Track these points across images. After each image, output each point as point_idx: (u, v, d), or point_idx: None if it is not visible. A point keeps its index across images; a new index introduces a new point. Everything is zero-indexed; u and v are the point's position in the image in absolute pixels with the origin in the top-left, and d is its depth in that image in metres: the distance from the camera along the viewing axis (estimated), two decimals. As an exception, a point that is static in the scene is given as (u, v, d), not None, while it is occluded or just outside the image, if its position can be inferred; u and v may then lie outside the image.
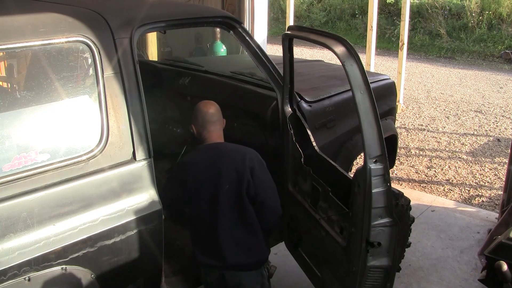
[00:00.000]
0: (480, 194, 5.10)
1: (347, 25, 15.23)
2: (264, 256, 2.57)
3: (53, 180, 2.06)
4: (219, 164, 2.44)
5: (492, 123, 7.30)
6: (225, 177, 2.42)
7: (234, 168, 2.42)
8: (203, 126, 2.52)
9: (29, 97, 2.18)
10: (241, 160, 2.43)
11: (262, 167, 2.48)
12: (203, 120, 2.52)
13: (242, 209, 2.44)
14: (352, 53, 2.16)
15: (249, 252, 2.49)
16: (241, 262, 2.47)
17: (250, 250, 2.49)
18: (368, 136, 2.14)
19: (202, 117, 2.52)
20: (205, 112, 2.53)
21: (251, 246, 2.49)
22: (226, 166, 2.43)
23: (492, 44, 12.08)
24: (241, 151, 2.49)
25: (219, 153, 2.49)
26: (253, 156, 2.48)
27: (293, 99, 3.02)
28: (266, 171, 2.51)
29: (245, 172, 2.40)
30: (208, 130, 2.52)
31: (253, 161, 2.45)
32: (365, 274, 2.33)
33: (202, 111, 2.54)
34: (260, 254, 2.54)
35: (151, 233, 2.32)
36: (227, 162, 2.44)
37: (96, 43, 2.17)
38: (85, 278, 2.15)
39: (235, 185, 2.41)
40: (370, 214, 2.22)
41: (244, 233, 2.47)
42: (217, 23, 2.88)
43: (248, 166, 2.42)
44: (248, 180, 2.40)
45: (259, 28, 6.86)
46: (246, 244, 2.48)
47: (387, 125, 3.85)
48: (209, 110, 2.53)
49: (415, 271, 3.67)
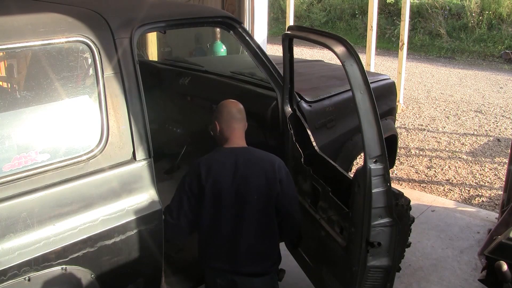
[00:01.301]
0: (480, 194, 5.10)
1: (347, 25, 15.23)
2: (277, 264, 2.54)
3: (53, 180, 2.06)
4: (247, 172, 2.36)
5: (492, 123, 7.30)
6: (253, 186, 2.35)
7: (264, 179, 2.36)
8: (228, 122, 2.41)
9: (29, 97, 2.18)
10: (271, 171, 2.38)
11: (289, 178, 2.44)
12: (228, 116, 2.42)
13: (267, 219, 2.41)
14: (352, 53, 2.16)
15: (266, 262, 2.45)
16: (256, 270, 2.43)
17: (267, 259, 2.46)
18: (368, 136, 2.14)
19: (227, 112, 2.43)
20: (231, 107, 2.45)
21: (268, 255, 2.46)
22: (255, 175, 2.36)
23: (492, 44, 12.08)
24: (270, 160, 2.42)
25: (247, 160, 2.39)
26: (281, 166, 2.43)
27: (293, 99, 3.02)
28: (292, 182, 2.47)
29: (274, 182, 2.36)
30: (233, 128, 2.42)
31: (282, 172, 2.40)
32: (365, 274, 2.33)
33: (228, 106, 2.46)
34: (275, 263, 2.51)
35: (151, 233, 2.32)
36: (256, 171, 2.37)
37: (96, 43, 2.17)
38: (85, 278, 2.15)
39: (264, 195, 2.36)
40: (370, 214, 2.22)
41: (264, 243, 2.43)
42: (217, 23, 2.88)
43: (277, 176, 2.38)
44: (277, 192, 2.37)
45: (259, 28, 6.86)
46: (264, 253, 2.44)
47: (387, 125, 3.85)
48: (236, 106, 2.46)
49: (415, 271, 3.67)
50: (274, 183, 2.36)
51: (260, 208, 2.37)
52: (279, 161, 2.44)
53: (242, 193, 2.35)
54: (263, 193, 2.36)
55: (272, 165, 2.40)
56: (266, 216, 2.40)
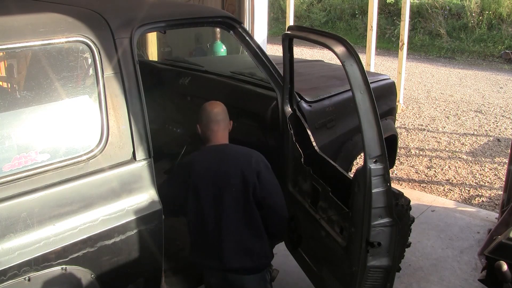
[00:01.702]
0: (480, 194, 5.10)
1: (347, 25, 15.23)
2: (268, 260, 2.56)
3: (53, 180, 2.06)
4: (224, 166, 2.43)
5: (492, 123, 7.30)
6: (230, 179, 2.40)
7: (240, 171, 2.40)
8: (207, 125, 2.52)
9: (29, 97, 2.18)
10: (247, 162, 2.42)
11: (268, 170, 2.47)
12: (207, 119, 2.52)
13: (247, 212, 2.42)
14: (352, 53, 2.16)
15: (253, 256, 2.47)
16: (244, 265, 2.45)
17: (254, 254, 2.47)
18: (368, 136, 2.14)
19: (206, 116, 2.52)
20: (209, 111, 2.53)
21: (255, 250, 2.47)
22: (232, 168, 2.42)
23: (492, 44, 12.08)
24: (247, 153, 2.48)
25: (224, 155, 2.47)
26: (259, 159, 2.47)
27: (293, 99, 3.02)
28: (273, 174, 2.49)
29: (251, 175, 2.39)
30: (212, 130, 2.51)
31: (260, 164, 2.44)
32: (365, 274, 2.33)
33: (207, 110, 2.54)
34: (264, 258, 2.53)
35: (151, 233, 2.32)
36: (232, 164, 2.43)
37: (96, 43, 2.17)
38: (85, 278, 2.15)
39: (241, 188, 2.40)
40: (370, 214, 2.22)
41: (249, 237, 2.45)
42: (217, 23, 2.87)
43: (254, 169, 2.41)
44: (254, 183, 2.39)
45: (259, 28, 6.85)
46: (250, 247, 2.46)
47: (387, 125, 3.85)
48: (213, 109, 2.53)
49: (415, 271, 3.67)
50: (251, 175, 2.39)
51: (239, 202, 2.41)
52: (257, 155, 2.48)
53: (220, 187, 2.42)
54: (240, 184, 2.40)
55: (248, 159, 2.45)
56: (246, 210, 2.43)
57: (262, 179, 2.41)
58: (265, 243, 2.51)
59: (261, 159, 2.48)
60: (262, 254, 2.51)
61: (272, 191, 2.46)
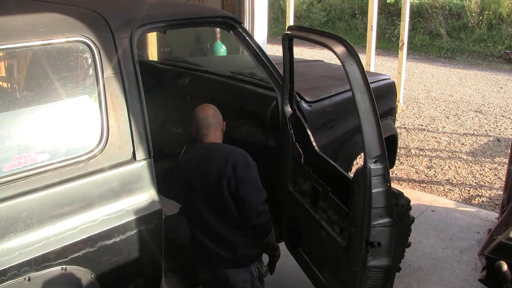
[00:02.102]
0: (480, 194, 5.10)
1: (347, 25, 15.23)
2: (250, 254, 2.58)
3: (53, 180, 2.06)
4: (207, 163, 2.49)
5: (492, 123, 7.30)
6: (210, 174, 2.47)
7: (217, 165, 2.46)
8: (197, 129, 2.58)
9: (29, 97, 2.18)
10: (224, 157, 2.47)
11: (247, 165, 2.48)
12: (197, 124, 2.58)
13: (223, 205, 2.47)
14: (352, 53, 2.16)
15: (234, 249, 2.51)
16: (227, 257, 2.51)
17: (235, 246, 2.51)
18: (368, 136, 2.14)
19: (195, 121, 2.58)
20: (197, 116, 2.59)
21: (234, 243, 2.51)
22: (212, 164, 2.48)
23: (492, 44, 12.07)
24: (227, 150, 2.53)
25: (208, 153, 2.54)
26: (238, 154, 2.50)
27: (293, 99, 3.02)
28: (251, 170, 2.49)
29: (226, 168, 2.43)
30: (202, 133, 2.57)
31: (237, 159, 2.46)
32: (365, 274, 2.33)
33: (195, 115, 2.60)
34: (246, 251, 2.55)
35: (151, 233, 2.32)
36: (213, 161, 2.49)
37: (96, 43, 2.17)
38: (85, 278, 2.15)
39: (216, 181, 2.44)
40: (370, 214, 2.22)
41: (228, 230, 2.50)
42: (217, 23, 2.87)
43: (230, 162, 2.44)
44: (229, 176, 2.42)
45: (259, 28, 6.85)
46: (229, 240, 2.51)
47: (387, 125, 3.85)
48: (202, 115, 2.58)
49: (415, 271, 3.67)
50: (226, 167, 2.43)
51: (214, 193, 2.46)
52: (238, 151, 2.51)
53: (204, 183, 2.48)
54: (216, 178, 2.44)
55: (227, 154, 2.48)
56: (221, 202, 2.46)
57: (237, 172, 2.43)
58: (246, 237, 2.54)
59: (240, 154, 2.50)
60: (243, 247, 2.53)
61: (246, 184, 2.46)
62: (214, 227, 2.50)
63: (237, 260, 2.53)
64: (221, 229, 2.50)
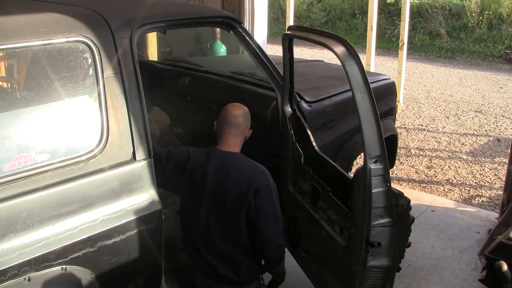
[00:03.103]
0: (480, 194, 5.10)
1: (347, 25, 15.23)
2: (253, 274, 2.52)
3: (53, 180, 2.06)
4: (225, 177, 2.38)
5: (492, 123, 7.30)
6: (229, 193, 2.36)
7: (238, 186, 2.35)
8: (221, 124, 2.46)
9: (29, 97, 2.17)
10: (246, 179, 2.35)
11: (269, 191, 2.37)
12: (224, 118, 2.46)
13: (238, 228, 2.38)
14: (352, 53, 2.16)
15: (236, 270, 2.45)
16: (227, 276, 2.44)
17: (237, 268, 2.44)
18: (368, 136, 2.14)
19: (224, 114, 2.47)
20: (228, 111, 2.47)
21: (239, 265, 2.44)
22: (232, 181, 2.36)
23: (492, 44, 12.08)
24: (251, 168, 2.39)
25: (229, 167, 2.40)
26: (262, 177, 2.37)
27: (293, 99, 3.02)
28: (272, 196, 2.39)
29: (248, 194, 2.32)
30: (224, 131, 2.45)
31: (259, 183, 2.35)
32: (365, 274, 2.33)
33: (227, 109, 2.49)
34: (249, 273, 2.49)
35: (151, 233, 2.32)
36: (234, 179, 2.36)
37: (96, 43, 2.17)
38: (85, 278, 2.14)
39: (235, 204, 2.35)
40: (370, 214, 2.22)
41: (233, 252, 2.42)
42: (217, 23, 2.87)
43: (254, 187, 2.33)
44: (249, 202, 2.33)
45: (259, 28, 6.86)
46: (234, 262, 2.43)
47: (387, 125, 3.85)
48: (233, 111, 2.47)
49: (415, 271, 3.67)
50: (248, 193, 2.32)
51: (232, 215, 2.37)
52: (261, 172, 2.38)
53: (218, 197, 2.38)
54: (236, 200, 2.34)
55: (251, 175, 2.36)
56: (236, 225, 2.37)
57: (258, 199, 2.33)
58: (252, 261, 2.48)
59: (264, 176, 2.38)
60: (247, 268, 2.47)
61: (264, 214, 2.35)
62: (219, 246, 2.41)
63: (239, 280, 2.47)
64: (226, 250, 2.41)
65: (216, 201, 2.39)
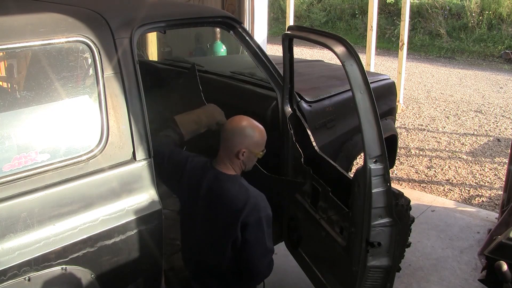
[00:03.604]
0: (480, 194, 5.10)
1: (347, 25, 15.23)
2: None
3: (53, 180, 2.06)
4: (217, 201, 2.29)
5: (492, 123, 7.30)
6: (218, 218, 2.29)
7: (227, 218, 2.24)
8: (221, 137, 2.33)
9: (29, 97, 2.17)
10: (236, 213, 2.20)
11: (258, 226, 2.21)
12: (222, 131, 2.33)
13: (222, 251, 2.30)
14: (352, 53, 2.16)
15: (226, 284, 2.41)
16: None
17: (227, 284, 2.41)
18: (368, 136, 2.14)
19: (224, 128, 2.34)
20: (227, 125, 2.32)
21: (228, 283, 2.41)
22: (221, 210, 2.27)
23: (492, 44, 12.08)
24: (240, 204, 2.21)
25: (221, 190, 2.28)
26: (251, 212, 2.19)
27: (293, 99, 3.02)
28: (261, 231, 2.23)
29: (236, 227, 2.20)
30: (221, 144, 2.32)
31: (249, 219, 2.19)
32: (365, 274, 2.33)
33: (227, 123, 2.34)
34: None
35: (151, 233, 2.32)
36: (222, 207, 2.26)
37: (96, 43, 2.17)
38: (85, 278, 2.14)
39: (223, 232, 2.28)
40: (370, 214, 2.22)
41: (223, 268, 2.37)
42: (217, 23, 2.87)
43: (241, 223, 2.20)
44: (236, 236, 2.22)
45: (259, 28, 6.86)
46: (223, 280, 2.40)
47: (387, 125, 3.85)
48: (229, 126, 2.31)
49: (415, 271, 3.67)
50: (235, 227, 2.20)
51: (219, 238, 2.31)
52: (252, 205, 2.19)
53: (209, 216, 2.33)
54: (224, 230, 2.27)
55: (240, 207, 2.20)
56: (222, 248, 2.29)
57: (247, 234, 2.21)
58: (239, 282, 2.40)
59: (254, 211, 2.19)
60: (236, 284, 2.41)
61: (253, 248, 2.24)
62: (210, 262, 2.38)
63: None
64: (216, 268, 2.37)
65: (207, 219, 2.34)
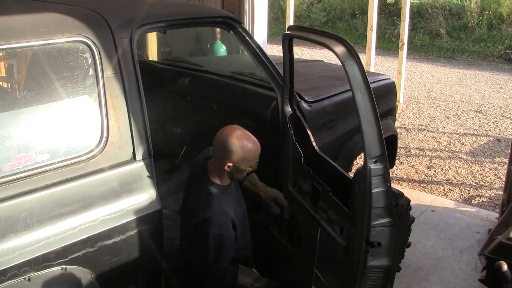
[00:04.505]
0: (480, 194, 5.10)
1: (347, 25, 15.22)
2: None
3: (53, 180, 2.06)
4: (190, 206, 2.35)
5: (492, 123, 7.30)
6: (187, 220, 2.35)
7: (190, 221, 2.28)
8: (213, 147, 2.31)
9: (29, 97, 2.18)
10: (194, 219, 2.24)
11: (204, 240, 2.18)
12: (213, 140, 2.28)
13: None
14: (352, 53, 2.16)
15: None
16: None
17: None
18: (368, 136, 2.14)
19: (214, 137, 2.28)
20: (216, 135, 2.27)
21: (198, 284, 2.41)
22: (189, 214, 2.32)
23: (492, 44, 12.07)
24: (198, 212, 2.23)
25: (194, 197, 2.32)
26: (202, 223, 2.18)
27: (293, 99, 3.02)
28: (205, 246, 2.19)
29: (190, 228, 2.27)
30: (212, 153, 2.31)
31: (198, 229, 2.21)
32: (365, 274, 2.33)
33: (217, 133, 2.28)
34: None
35: (151, 233, 2.32)
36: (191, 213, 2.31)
37: (96, 43, 2.17)
38: (85, 278, 2.15)
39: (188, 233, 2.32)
40: (370, 214, 2.22)
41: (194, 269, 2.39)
42: (217, 23, 2.88)
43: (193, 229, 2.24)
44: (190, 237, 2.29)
45: (259, 28, 6.85)
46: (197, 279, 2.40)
47: (387, 125, 3.85)
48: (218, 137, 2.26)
49: (415, 271, 3.67)
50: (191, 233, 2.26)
51: (187, 240, 2.37)
52: (206, 218, 2.17)
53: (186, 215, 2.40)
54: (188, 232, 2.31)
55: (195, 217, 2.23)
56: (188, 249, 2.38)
57: (193, 243, 2.28)
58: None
59: (205, 223, 2.17)
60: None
61: (196, 259, 2.29)
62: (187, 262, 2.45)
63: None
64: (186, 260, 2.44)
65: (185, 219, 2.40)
